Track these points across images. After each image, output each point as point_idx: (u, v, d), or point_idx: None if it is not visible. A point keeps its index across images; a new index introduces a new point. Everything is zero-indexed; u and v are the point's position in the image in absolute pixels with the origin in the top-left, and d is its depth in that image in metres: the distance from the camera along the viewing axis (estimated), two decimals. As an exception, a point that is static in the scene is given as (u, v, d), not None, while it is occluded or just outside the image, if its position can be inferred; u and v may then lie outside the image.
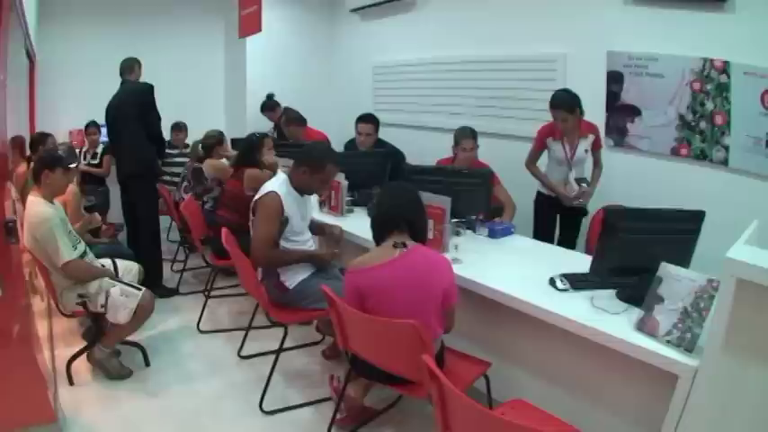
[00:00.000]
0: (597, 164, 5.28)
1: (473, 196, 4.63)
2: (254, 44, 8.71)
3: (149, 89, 6.18)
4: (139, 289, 4.49)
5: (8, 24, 3.11)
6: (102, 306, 4.32)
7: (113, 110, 6.36)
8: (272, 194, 4.09)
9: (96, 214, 5.49)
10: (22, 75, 6.03)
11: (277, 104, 8.43)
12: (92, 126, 7.94)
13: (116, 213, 7.46)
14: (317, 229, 4.73)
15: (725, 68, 4.70)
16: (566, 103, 4.98)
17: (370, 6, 8.31)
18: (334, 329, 3.30)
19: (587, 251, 4.60)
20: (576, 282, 3.34)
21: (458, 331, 3.35)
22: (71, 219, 4.68)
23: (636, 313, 2.83)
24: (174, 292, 6.43)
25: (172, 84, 7.00)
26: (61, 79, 8.23)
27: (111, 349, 4.54)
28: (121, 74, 6.38)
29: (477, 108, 6.86)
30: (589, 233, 4.99)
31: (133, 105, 6.18)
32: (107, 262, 4.77)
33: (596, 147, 5.21)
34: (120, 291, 4.38)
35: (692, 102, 4.96)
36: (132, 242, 6.40)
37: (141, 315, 4.45)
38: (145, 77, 6.47)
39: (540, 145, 5.34)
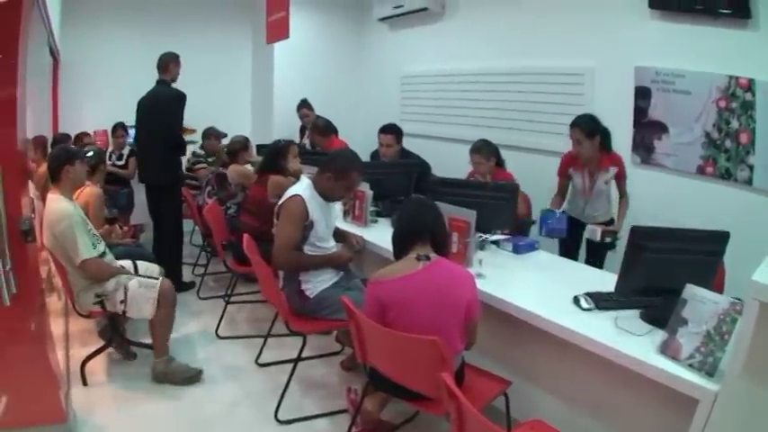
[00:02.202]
0: (623, 195, 5.17)
1: (499, 211, 4.56)
2: (282, 51, 8.69)
3: (177, 101, 6.20)
4: (156, 278, 4.50)
5: (28, 20, 3.10)
6: (121, 302, 4.30)
7: (142, 112, 6.41)
8: (296, 198, 4.07)
9: (117, 227, 5.49)
10: (45, 73, 6.03)
11: (311, 107, 8.39)
12: (119, 128, 7.94)
13: (139, 215, 7.52)
14: (338, 236, 4.68)
15: (750, 86, 4.64)
16: (584, 124, 4.91)
17: (397, 16, 8.25)
18: (353, 342, 3.26)
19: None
20: (601, 301, 3.27)
21: (479, 347, 3.30)
22: (93, 221, 4.67)
23: (659, 335, 2.77)
24: (190, 285, 6.53)
25: (199, 88, 6.95)
26: (86, 79, 8.25)
27: (166, 356, 4.54)
28: (158, 70, 6.35)
29: (503, 120, 6.80)
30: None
31: (160, 114, 6.20)
32: (127, 263, 4.74)
33: (620, 178, 5.10)
34: (137, 283, 4.37)
35: (717, 119, 4.89)
36: (157, 242, 6.52)
37: (166, 304, 4.41)
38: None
39: (562, 172, 5.28)
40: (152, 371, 4.49)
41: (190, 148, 7.44)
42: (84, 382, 4.40)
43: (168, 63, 6.30)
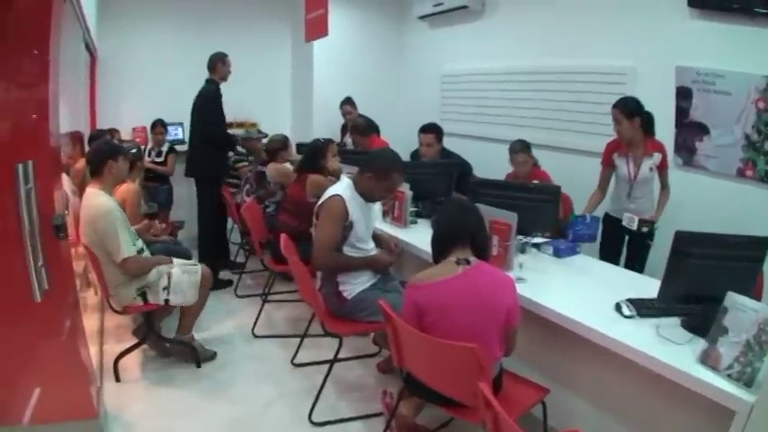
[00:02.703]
0: (664, 186, 5.09)
1: (540, 213, 4.47)
2: (321, 49, 8.64)
3: (211, 93, 6.51)
4: (196, 264, 4.58)
5: (59, 15, 3.10)
6: (164, 289, 4.38)
7: (192, 110, 6.72)
8: (337, 198, 4.04)
9: (157, 222, 5.50)
10: (81, 69, 6.05)
11: (355, 105, 8.35)
12: (158, 125, 7.95)
13: (178, 212, 7.55)
14: (375, 239, 4.63)
15: (789, 87, 4.53)
16: (624, 104, 4.88)
17: (437, 14, 8.16)
18: (390, 345, 3.22)
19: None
20: (643, 308, 3.20)
21: (517, 353, 3.25)
22: (129, 218, 4.68)
23: (700, 344, 2.70)
24: (228, 283, 6.64)
25: (238, 86, 7.00)
26: (124, 75, 8.25)
27: (189, 334, 4.72)
28: (207, 70, 6.64)
29: (543, 120, 6.72)
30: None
31: (199, 111, 6.55)
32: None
33: (662, 166, 5.02)
34: (180, 270, 4.47)
35: (757, 121, 4.77)
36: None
37: (204, 290, 4.55)
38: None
39: (606, 160, 5.21)
40: (169, 349, 4.73)
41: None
42: (117, 379, 4.45)
43: (216, 62, 6.58)
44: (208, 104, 6.56)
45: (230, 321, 5.67)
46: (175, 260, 4.62)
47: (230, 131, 7.18)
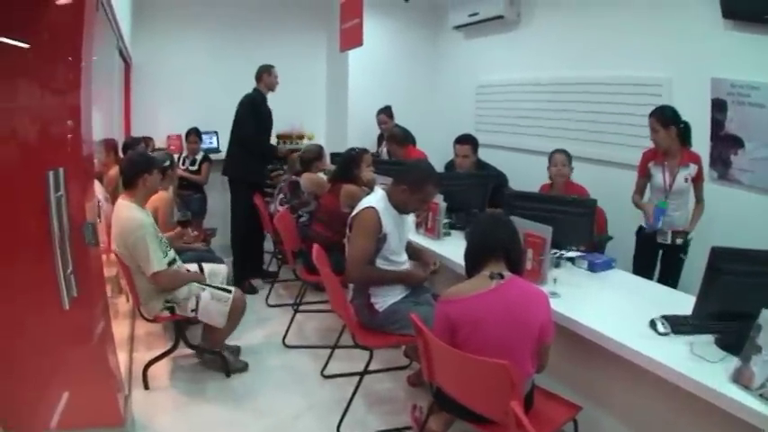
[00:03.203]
0: (699, 200, 5.01)
1: (576, 226, 4.44)
2: (357, 59, 8.62)
3: (248, 100, 6.77)
4: (229, 291, 4.53)
5: (92, 23, 3.10)
6: (192, 311, 4.36)
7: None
8: (370, 210, 4.02)
9: (189, 230, 5.48)
10: (115, 77, 6.10)
11: (392, 116, 8.29)
12: (192, 134, 7.94)
13: (212, 220, 7.58)
14: (413, 253, 4.60)
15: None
16: (660, 113, 4.85)
17: (473, 24, 8.12)
18: (421, 359, 3.17)
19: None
20: (678, 325, 3.13)
21: (549, 369, 3.20)
22: (161, 226, 4.69)
23: (733, 362, 2.65)
24: (253, 290, 6.82)
25: (274, 95, 7.01)
26: (159, 83, 8.27)
27: (219, 348, 4.73)
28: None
29: (578, 132, 6.64)
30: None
31: (237, 117, 6.83)
32: (193, 267, 4.82)
33: (698, 179, 4.95)
34: (210, 295, 4.45)
35: (790, 134, 4.69)
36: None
37: (235, 315, 4.52)
38: (246, 87, 6.90)
39: (642, 170, 5.15)
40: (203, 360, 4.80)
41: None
42: (146, 386, 4.45)
43: (262, 73, 6.89)
44: (244, 111, 6.78)
45: (261, 331, 5.66)
46: (207, 285, 4.59)
47: (288, 145, 7.61)
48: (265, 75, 6.83)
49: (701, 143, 5.09)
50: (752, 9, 4.76)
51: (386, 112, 8.22)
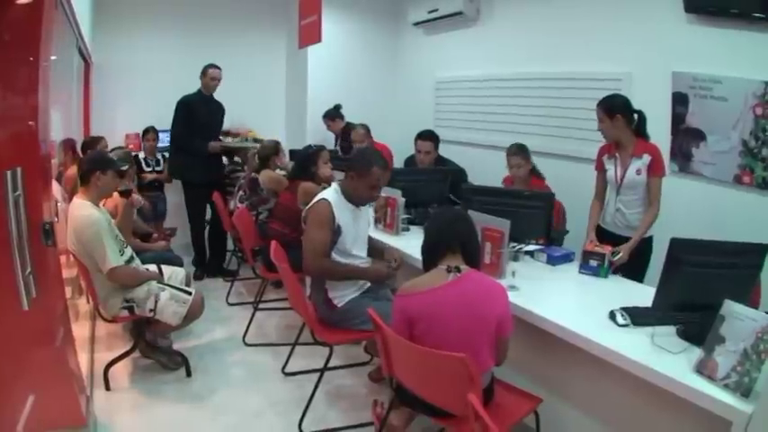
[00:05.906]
0: (651, 201, 4.63)
1: (534, 220, 4.48)
2: (316, 55, 8.61)
3: (181, 100, 6.89)
4: (189, 293, 4.51)
5: (50, 21, 3.08)
6: (150, 311, 4.34)
7: None
8: (323, 202, 4.05)
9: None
10: (74, 76, 6.03)
11: (339, 116, 8.33)
12: (150, 132, 7.89)
13: (171, 219, 7.55)
14: (375, 252, 4.61)
15: (786, 93, 4.50)
16: (604, 102, 4.69)
17: (432, 20, 8.16)
18: (380, 354, 3.18)
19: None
20: (638, 317, 3.16)
21: (509, 362, 3.20)
22: (122, 230, 4.66)
23: (696, 353, 2.67)
24: (232, 273, 7.03)
25: (233, 92, 7.06)
26: (119, 82, 8.19)
27: (168, 339, 4.76)
28: None
29: (538, 127, 6.69)
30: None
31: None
32: (152, 267, 4.79)
33: (652, 172, 4.59)
34: (169, 295, 4.42)
35: (754, 127, 4.73)
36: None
37: (191, 316, 4.51)
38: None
39: (599, 164, 4.95)
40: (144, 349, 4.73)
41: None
42: (107, 387, 4.41)
43: (201, 75, 6.91)
44: (175, 112, 6.92)
45: (221, 329, 5.63)
46: (167, 284, 4.56)
47: (229, 141, 7.72)
48: (201, 76, 6.87)
49: (661, 137, 5.07)
50: (718, 3, 4.83)
51: (329, 114, 8.40)
